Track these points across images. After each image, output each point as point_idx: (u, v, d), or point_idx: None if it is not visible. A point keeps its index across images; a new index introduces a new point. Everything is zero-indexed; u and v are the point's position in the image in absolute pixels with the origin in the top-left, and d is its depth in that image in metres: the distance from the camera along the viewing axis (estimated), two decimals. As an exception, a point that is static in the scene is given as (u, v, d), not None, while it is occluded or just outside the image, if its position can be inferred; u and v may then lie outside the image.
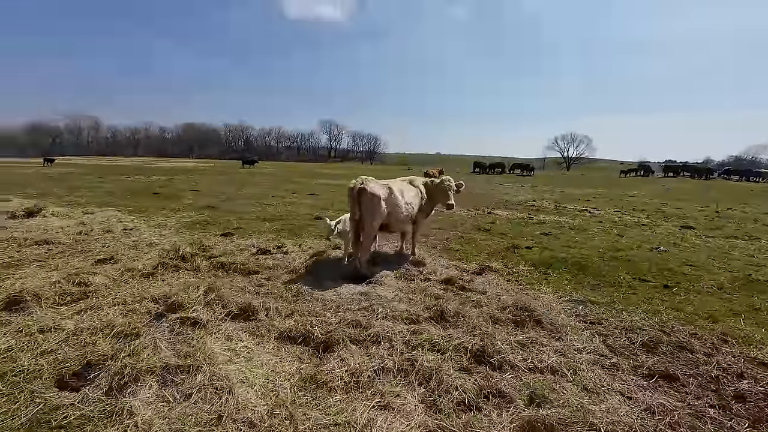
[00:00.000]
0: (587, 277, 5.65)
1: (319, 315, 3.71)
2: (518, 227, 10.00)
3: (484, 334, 3.27)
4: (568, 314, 4.12)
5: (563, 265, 6.27)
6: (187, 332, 3.22)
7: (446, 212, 6.92)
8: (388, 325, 3.44)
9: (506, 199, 17.49)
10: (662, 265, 6.44)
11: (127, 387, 2.50)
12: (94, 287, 4.22)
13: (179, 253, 5.25)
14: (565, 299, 4.66)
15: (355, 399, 2.47)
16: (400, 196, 5.56)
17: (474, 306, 4.13)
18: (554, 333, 3.54)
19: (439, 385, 2.62)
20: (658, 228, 10.53)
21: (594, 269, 6.06)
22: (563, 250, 7.36)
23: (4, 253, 5.85)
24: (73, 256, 5.76)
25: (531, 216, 12.06)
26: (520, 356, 3.04)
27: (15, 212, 8.71)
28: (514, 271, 5.83)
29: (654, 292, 5.06)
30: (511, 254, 6.99)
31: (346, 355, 2.94)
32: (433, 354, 3.05)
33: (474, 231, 9.20)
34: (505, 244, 7.73)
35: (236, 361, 2.88)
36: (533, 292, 4.90)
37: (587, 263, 6.37)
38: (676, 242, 8.55)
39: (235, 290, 4.08)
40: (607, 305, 4.50)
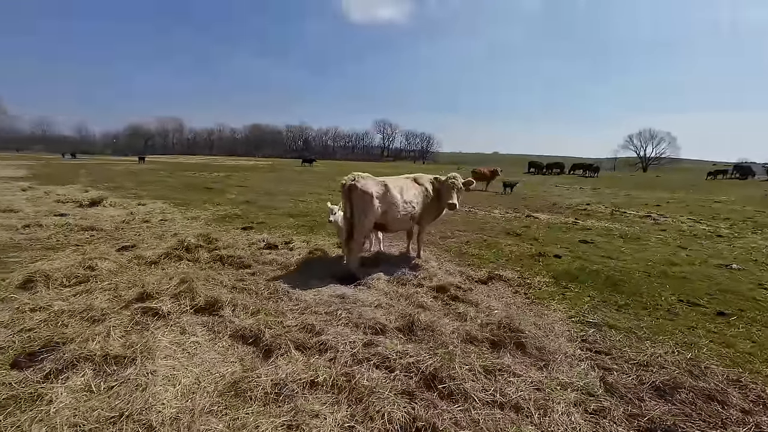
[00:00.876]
0: (618, 295, 4.76)
1: (281, 315, 3.55)
2: (555, 233, 8.95)
3: (446, 354, 2.83)
4: (571, 339, 3.45)
5: (592, 278, 5.39)
6: (145, 322, 3.27)
7: (451, 212, 6.37)
8: (344, 333, 3.15)
9: (555, 202, 15.92)
10: (727, 286, 5.22)
11: (64, 372, 2.56)
12: (98, 272, 4.54)
13: (184, 244, 5.48)
14: (577, 320, 3.93)
15: (266, 413, 2.24)
16: (398, 194, 5.20)
17: (456, 319, 3.66)
18: (539, 360, 2.96)
19: (367, 409, 2.29)
20: (738, 241, 8.69)
21: (630, 286, 5.10)
22: (600, 262, 6.36)
23: (54, 237, 6.66)
24: (105, 242, 6.35)
25: (576, 221, 10.76)
26: (481, 385, 2.56)
27: (81, 201, 9.99)
28: (527, 282, 5.14)
29: (701, 320, 4.07)
30: (534, 262, 6.21)
31: (282, 363, 2.73)
32: (379, 371, 2.71)
33: (502, 235, 8.42)
34: (533, 250, 6.92)
35: (176, 357, 2.83)
36: (539, 308, 4.23)
37: (624, 278, 5.39)
38: (757, 259, 6.94)
39: (213, 284, 4.10)
40: (629, 332, 3.69)
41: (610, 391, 2.66)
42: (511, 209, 13.00)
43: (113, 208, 9.77)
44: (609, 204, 15.60)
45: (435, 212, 5.91)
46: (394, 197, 5.12)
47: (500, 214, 11.65)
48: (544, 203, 15.43)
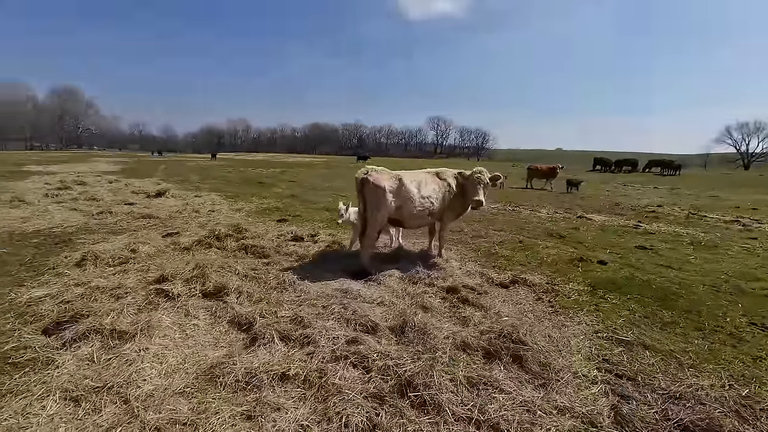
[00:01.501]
0: (667, 311, 4.05)
1: (279, 305, 3.59)
2: (608, 236, 7.97)
3: (429, 361, 2.61)
4: (589, 357, 2.99)
5: (640, 289, 4.67)
6: (156, 302, 3.53)
7: (478, 211, 5.93)
8: (332, 328, 3.08)
9: (619, 202, 14.22)
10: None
11: (78, 342, 2.85)
12: (138, 255, 5.04)
13: (215, 233, 5.86)
14: (604, 335, 3.41)
15: (231, 401, 2.26)
16: (414, 188, 4.98)
17: (457, 323, 3.39)
18: (538, 378, 2.59)
19: (327, 409, 2.19)
20: None
21: (687, 301, 4.32)
22: (655, 271, 5.50)
23: (120, 222, 7.57)
24: (155, 229, 7.06)
25: (639, 224, 9.48)
26: (459, 398, 2.31)
27: (149, 193, 11.27)
28: (556, 289, 4.61)
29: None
30: (572, 268, 5.57)
31: (262, 352, 2.74)
32: (355, 370, 2.59)
33: (542, 236, 7.72)
34: (574, 255, 6.22)
35: (173, 337, 3.00)
36: (561, 318, 3.75)
37: (681, 291, 4.59)
38: None
39: (226, 271, 4.30)
40: (669, 355, 3.10)
41: (620, 424, 2.23)
42: (561, 209, 11.90)
43: (173, 198, 10.86)
44: (686, 206, 13.51)
45: (459, 209, 5.57)
46: (410, 192, 4.92)
47: (547, 214, 10.72)
48: (604, 203, 13.86)
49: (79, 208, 8.66)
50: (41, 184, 12.88)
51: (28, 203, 8.84)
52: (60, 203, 9.21)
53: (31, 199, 9.43)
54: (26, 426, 2.03)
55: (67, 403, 2.21)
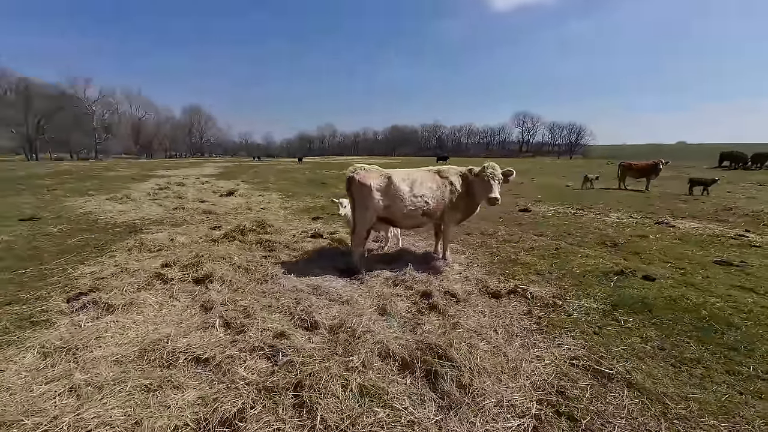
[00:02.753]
0: (697, 345, 3.12)
1: (248, 295, 3.84)
2: (684, 248, 6.46)
3: (324, 366, 2.50)
4: (539, 387, 2.49)
5: (677, 314, 3.70)
6: (153, 283, 4.11)
7: (489, 207, 5.37)
8: (271, 319, 3.18)
9: (734, 207, 11.29)
10: None
11: (81, 311, 3.50)
12: (174, 244, 5.90)
13: (240, 228, 6.52)
14: (582, 364, 2.80)
15: (140, 375, 2.52)
16: (405, 187, 4.79)
17: (405, 329, 3.17)
18: (446, 399, 2.27)
19: (215, 393, 2.29)
20: None
21: (737, 337, 3.27)
22: (723, 294, 4.29)
23: (185, 216, 8.93)
24: (206, 223, 8.14)
25: (743, 234, 7.44)
26: (341, 406, 2.18)
27: (222, 192, 13.01)
28: (559, 304, 3.94)
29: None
30: (601, 282, 4.69)
31: (196, 335, 2.99)
32: (263, 362, 2.65)
33: (589, 244, 6.64)
34: (616, 267, 5.21)
35: (146, 314, 3.47)
36: (540, 337, 3.20)
37: (739, 323, 3.49)
38: None
39: (225, 261, 4.76)
40: (656, 398, 2.40)
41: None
42: (642, 213, 10.00)
43: (239, 197, 12.34)
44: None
45: (464, 209, 5.17)
46: (399, 190, 4.75)
47: (616, 219, 9.13)
48: (709, 207, 11.17)
49: (163, 204, 10.48)
50: (152, 185, 15.92)
51: (132, 200, 11.05)
52: (154, 200, 11.29)
53: (136, 196, 11.76)
54: (3, 369, 2.60)
55: (39, 357, 2.75)
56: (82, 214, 9.02)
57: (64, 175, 21.20)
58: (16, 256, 5.49)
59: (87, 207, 10.00)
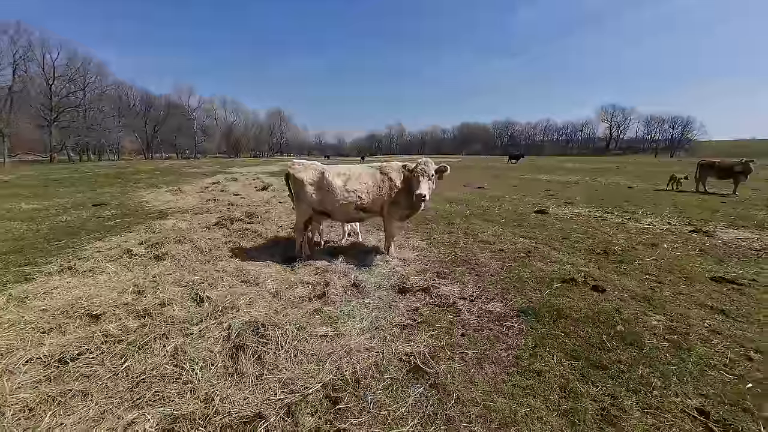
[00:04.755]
0: (560, 357, 2.80)
1: (187, 271, 4.50)
2: (695, 260, 5.47)
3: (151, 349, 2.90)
4: (340, 374, 2.57)
5: (588, 327, 3.31)
6: (121, 256, 5.02)
7: (421, 208, 5.24)
8: (171, 291, 3.75)
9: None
10: None
11: (60, 273, 4.51)
12: (175, 228, 6.97)
13: (230, 217, 7.37)
14: (405, 359, 2.76)
15: (53, 321, 3.24)
16: (338, 182, 5.00)
17: (252, 306, 3.45)
18: (235, 371, 2.51)
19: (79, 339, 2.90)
20: None
21: (623, 358, 2.83)
22: (683, 314, 3.67)
23: (210, 207, 10.25)
24: (219, 212, 9.26)
25: (798, 249, 5.94)
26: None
27: (258, 187, 14.46)
28: (459, 305, 3.79)
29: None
30: (540, 288, 4.31)
31: (114, 296, 3.68)
32: (136, 321, 3.20)
33: (575, 251, 6.00)
34: (569, 275, 4.72)
35: (97, 279, 4.31)
36: (396, 331, 3.18)
37: (649, 343, 3.00)
38: None
39: (187, 242, 5.55)
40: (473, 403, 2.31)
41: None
42: (690, 219, 8.48)
43: (268, 192, 13.60)
44: None
45: (406, 205, 5.18)
46: (331, 185, 4.98)
47: (646, 225, 7.94)
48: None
49: (204, 197, 12.14)
50: (212, 180, 18.33)
51: (183, 192, 13.00)
52: (200, 192, 13.12)
53: (187, 189, 13.78)
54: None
55: (4, 301, 3.70)
56: (139, 203, 10.98)
57: (156, 171, 25.55)
58: (63, 230, 7.08)
59: (147, 197, 12.10)
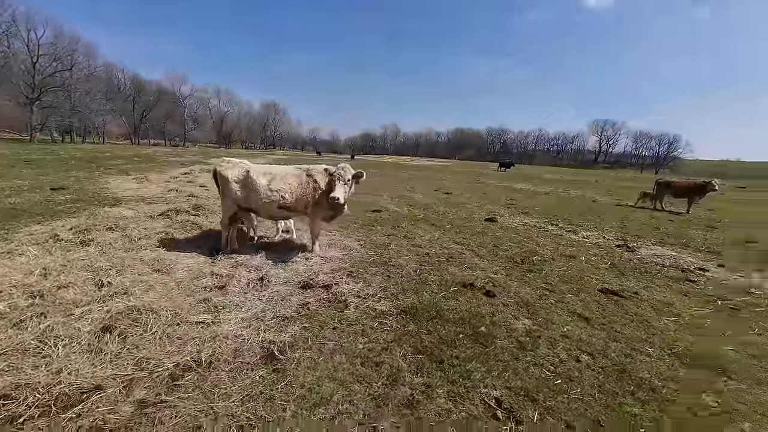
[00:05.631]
0: (406, 352, 3.12)
1: (106, 258, 4.74)
2: (599, 273, 5.88)
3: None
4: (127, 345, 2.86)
5: (458, 326, 3.64)
6: (47, 240, 5.23)
7: (344, 211, 5.56)
8: (75, 276, 4.01)
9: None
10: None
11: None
12: (121, 217, 7.14)
13: (176, 209, 7.58)
14: (248, 342, 3.05)
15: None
16: (262, 181, 5.28)
17: (149, 290, 3.73)
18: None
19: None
20: None
21: (457, 354, 3.17)
22: (546, 320, 4.03)
23: (169, 198, 10.38)
24: (173, 203, 9.41)
25: (702, 268, 6.41)
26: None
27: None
28: (350, 302, 4.10)
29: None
30: (436, 290, 4.65)
31: (18, 277, 3.90)
32: (33, 300, 3.45)
33: (496, 257, 6.37)
34: (471, 280, 5.07)
35: (15, 260, 4.51)
36: (272, 323, 3.48)
37: (497, 340, 3.34)
38: None
39: (116, 231, 5.80)
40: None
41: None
42: (628, 235, 8.94)
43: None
44: None
45: (329, 206, 5.46)
46: (255, 183, 5.25)
47: (580, 238, 8.37)
48: (720, 239, 9.46)
49: (169, 186, 12.24)
50: (186, 170, 18.34)
51: (148, 181, 13.08)
52: (167, 182, 13.22)
53: (154, 177, 13.86)
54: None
55: None
56: (98, 189, 11.04)
57: (135, 158, 25.40)
58: (6, 212, 7.18)
59: (111, 184, 12.16)
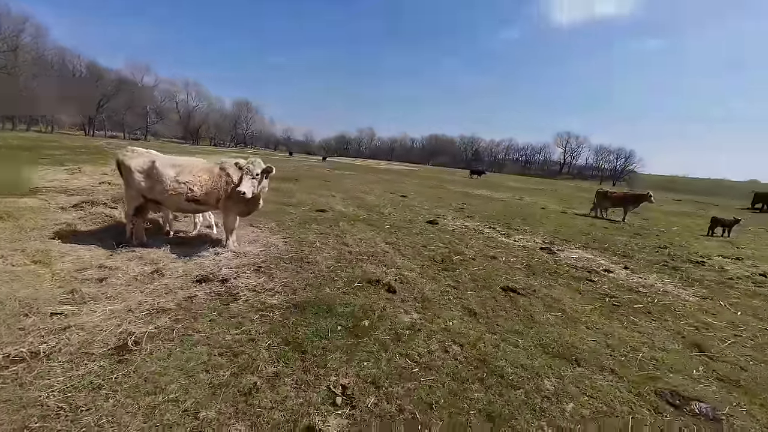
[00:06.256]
0: (273, 340, 3.14)
1: None
2: (513, 273, 6.15)
3: None
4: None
5: (334, 318, 3.68)
6: None
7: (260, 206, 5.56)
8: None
9: (670, 245, 10.20)
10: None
11: None
12: (21, 206, 6.68)
13: (92, 200, 7.22)
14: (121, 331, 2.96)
15: None
16: (169, 172, 5.13)
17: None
18: None
19: None
20: None
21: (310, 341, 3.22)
22: (433, 316, 4.15)
23: (101, 189, 9.85)
24: (95, 194, 8.94)
25: (608, 269, 6.87)
26: None
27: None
28: (243, 296, 4.05)
29: None
30: (337, 286, 4.69)
31: None
32: None
33: (418, 257, 6.52)
34: (376, 277, 5.16)
35: None
36: (147, 315, 3.38)
37: (372, 327, 3.42)
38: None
39: (41, 222, 5.45)
40: None
41: None
42: (559, 239, 9.41)
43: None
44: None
45: (241, 200, 5.35)
46: (162, 175, 5.10)
47: (513, 241, 8.71)
48: (651, 245, 10.20)
49: (103, 179, 11.61)
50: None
51: (81, 173, 12.33)
52: (103, 174, 12.52)
53: (89, 170, 13.11)
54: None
55: None
56: (22, 179, 10.26)
57: (82, 149, 23.92)
58: None
59: (43, 174, 11.36)
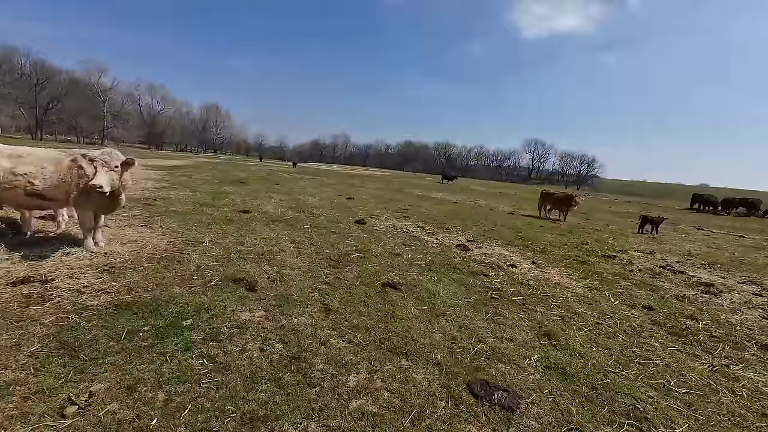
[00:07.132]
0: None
1: None
2: (411, 269, 6.37)
3: None
4: None
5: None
6: None
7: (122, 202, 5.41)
8: None
9: (588, 243, 10.86)
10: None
11: None
12: None
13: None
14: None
15: None
16: (5, 164, 4.74)
17: None
18: None
19: None
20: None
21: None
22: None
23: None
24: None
25: (513, 265, 7.25)
26: None
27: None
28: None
29: None
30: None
31: None
32: None
33: (318, 256, 6.63)
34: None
35: None
36: None
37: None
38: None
39: None
40: None
41: None
42: (487, 238, 9.80)
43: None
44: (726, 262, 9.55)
45: (98, 195, 4.75)
46: None
47: (440, 239, 8.99)
48: (573, 242, 10.80)
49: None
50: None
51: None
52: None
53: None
54: None
55: None
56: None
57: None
58: None
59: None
